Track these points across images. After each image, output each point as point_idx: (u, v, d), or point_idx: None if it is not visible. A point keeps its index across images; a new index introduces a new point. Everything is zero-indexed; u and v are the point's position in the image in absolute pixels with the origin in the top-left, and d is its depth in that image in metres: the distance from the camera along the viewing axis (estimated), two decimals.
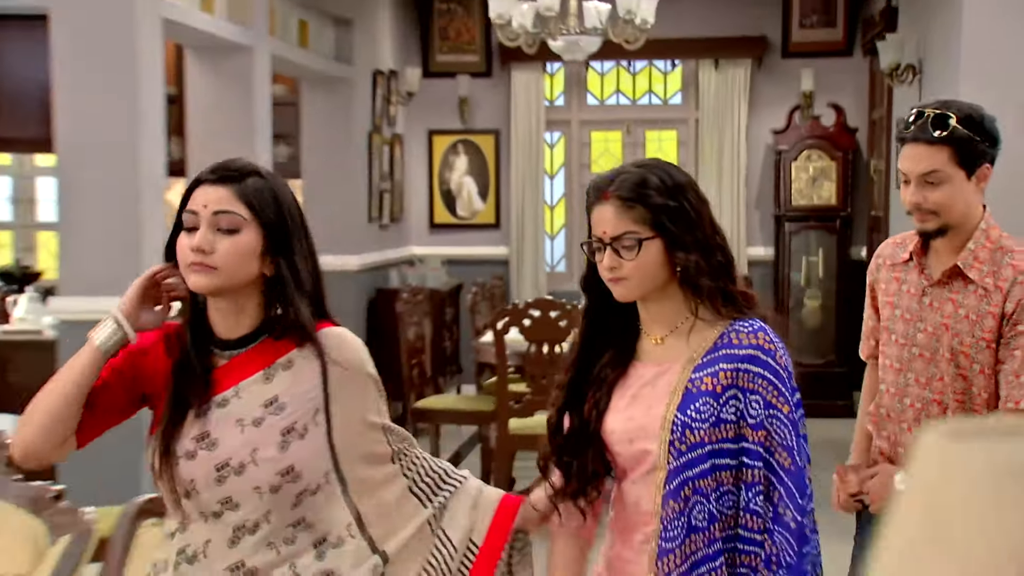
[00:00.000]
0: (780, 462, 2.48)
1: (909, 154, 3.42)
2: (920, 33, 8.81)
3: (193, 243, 2.57)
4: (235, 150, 7.76)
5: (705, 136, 11.85)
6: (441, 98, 12.01)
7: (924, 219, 3.41)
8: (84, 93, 6.33)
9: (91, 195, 6.37)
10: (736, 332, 2.57)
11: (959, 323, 3.42)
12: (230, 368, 2.70)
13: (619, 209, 2.55)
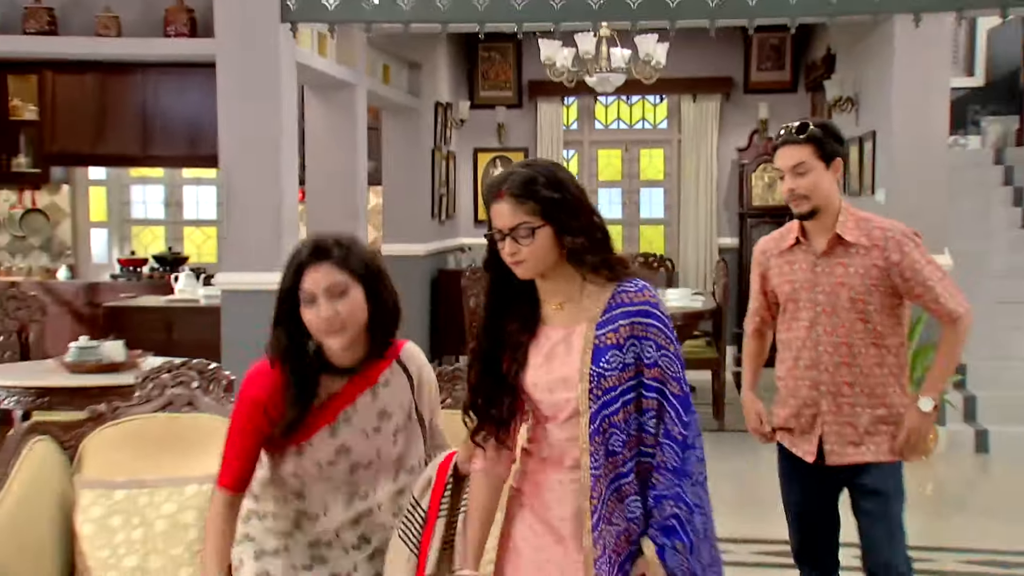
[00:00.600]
0: (670, 390, 2.45)
1: (781, 154, 3.57)
2: (856, 73, 9.02)
3: (322, 315, 2.62)
4: (342, 164, 8.08)
5: (686, 153, 12.01)
6: (484, 124, 12.16)
7: (799, 203, 3.54)
8: (241, 120, 6.55)
9: (244, 197, 6.61)
10: (626, 292, 2.49)
11: (851, 279, 3.54)
12: (345, 391, 2.75)
13: (513, 204, 2.46)
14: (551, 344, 2.55)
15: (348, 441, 2.73)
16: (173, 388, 3.74)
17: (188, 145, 10.24)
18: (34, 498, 3.43)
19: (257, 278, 6.54)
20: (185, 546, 3.44)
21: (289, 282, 2.68)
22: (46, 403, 5.06)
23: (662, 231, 12.48)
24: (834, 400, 3.64)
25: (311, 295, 2.63)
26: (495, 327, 2.60)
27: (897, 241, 3.54)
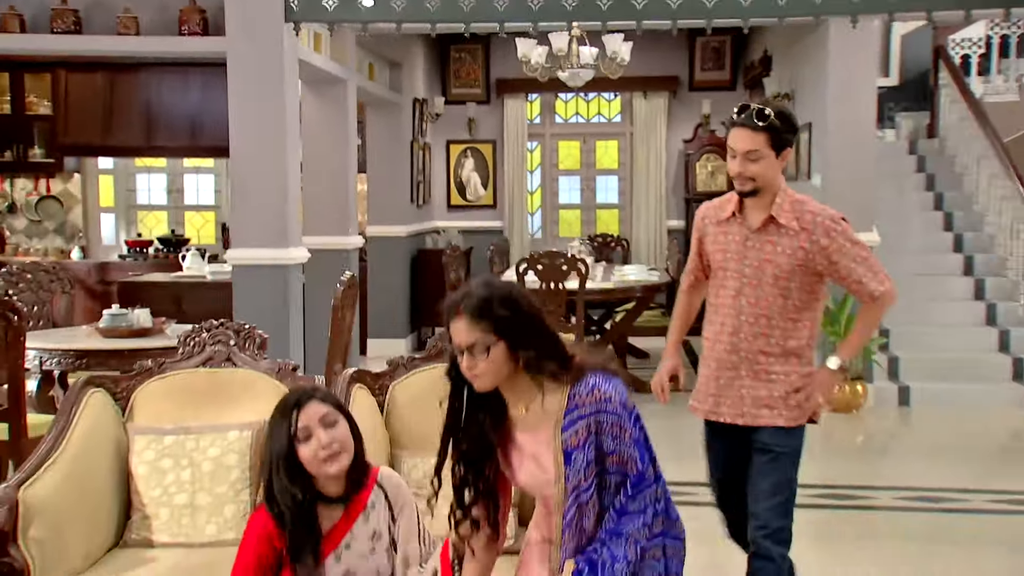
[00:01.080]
0: (628, 471, 2.46)
1: (737, 135, 3.37)
2: (792, 72, 9.13)
3: (323, 442, 2.63)
4: (334, 153, 8.08)
5: (637, 145, 12.09)
6: (456, 118, 12.16)
7: (743, 184, 3.39)
8: (250, 111, 6.55)
9: (253, 180, 6.59)
10: (578, 395, 2.46)
11: (777, 257, 3.41)
12: (342, 521, 2.74)
13: (469, 323, 2.44)
14: (531, 449, 2.56)
15: (352, 566, 2.71)
16: (212, 345, 3.77)
17: (189, 137, 10.25)
18: (93, 443, 3.44)
19: (265, 253, 6.55)
20: (229, 485, 3.48)
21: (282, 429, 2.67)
22: (84, 364, 5.05)
23: (616, 214, 12.56)
24: (750, 366, 3.52)
25: (307, 430, 2.64)
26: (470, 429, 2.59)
27: (825, 227, 3.40)
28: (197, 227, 11.29)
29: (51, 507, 3.17)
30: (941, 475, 6.27)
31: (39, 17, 6.61)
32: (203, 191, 11.36)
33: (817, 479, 6.13)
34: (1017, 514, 5.66)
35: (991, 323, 8.65)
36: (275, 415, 2.72)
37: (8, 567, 3.05)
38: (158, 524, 3.45)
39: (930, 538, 5.23)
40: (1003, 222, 9.07)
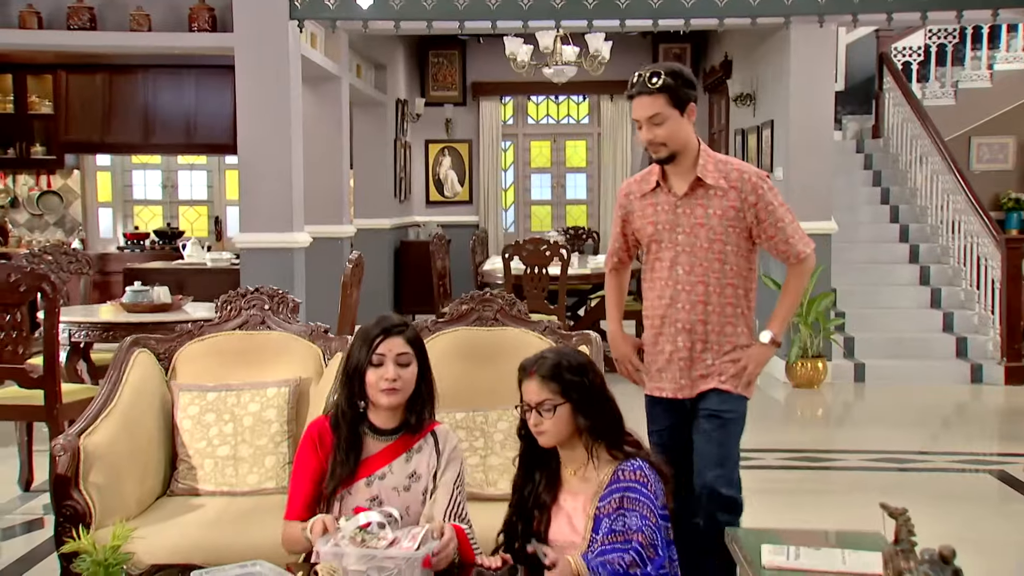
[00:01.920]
0: (647, 554, 2.46)
1: (637, 104, 3.14)
2: (753, 74, 9.28)
3: (388, 375, 2.63)
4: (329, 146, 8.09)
5: (604, 145, 12.22)
6: (434, 119, 12.20)
7: (657, 150, 3.15)
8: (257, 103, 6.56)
9: (260, 169, 6.62)
10: (623, 471, 2.53)
11: (710, 219, 3.16)
12: (384, 452, 2.73)
13: (540, 383, 2.54)
14: (566, 512, 2.61)
15: (382, 495, 2.70)
16: (248, 310, 3.80)
17: (184, 135, 10.25)
18: (141, 398, 3.47)
19: (271, 237, 6.57)
20: (269, 437, 3.51)
21: (363, 349, 2.67)
22: (110, 336, 5.05)
23: (585, 210, 12.67)
24: (689, 336, 3.25)
25: (381, 358, 2.65)
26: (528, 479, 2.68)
27: (753, 183, 3.18)
28: (191, 220, 11.23)
29: (108, 455, 3.20)
30: (895, 440, 6.43)
31: (55, 15, 6.58)
32: (196, 186, 11.31)
33: (782, 444, 6.30)
34: (964, 471, 5.86)
35: (935, 306, 8.85)
36: (362, 331, 2.72)
37: (72, 510, 3.08)
38: (203, 474, 3.48)
39: (887, 493, 5.27)
40: (945, 216, 9.27)
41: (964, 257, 8.86)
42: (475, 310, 3.76)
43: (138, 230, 10.76)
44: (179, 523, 3.17)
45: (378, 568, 2.37)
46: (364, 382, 2.67)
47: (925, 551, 1.97)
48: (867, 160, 10.53)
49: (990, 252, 8.40)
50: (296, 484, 2.72)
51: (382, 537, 2.42)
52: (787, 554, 2.70)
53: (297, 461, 2.75)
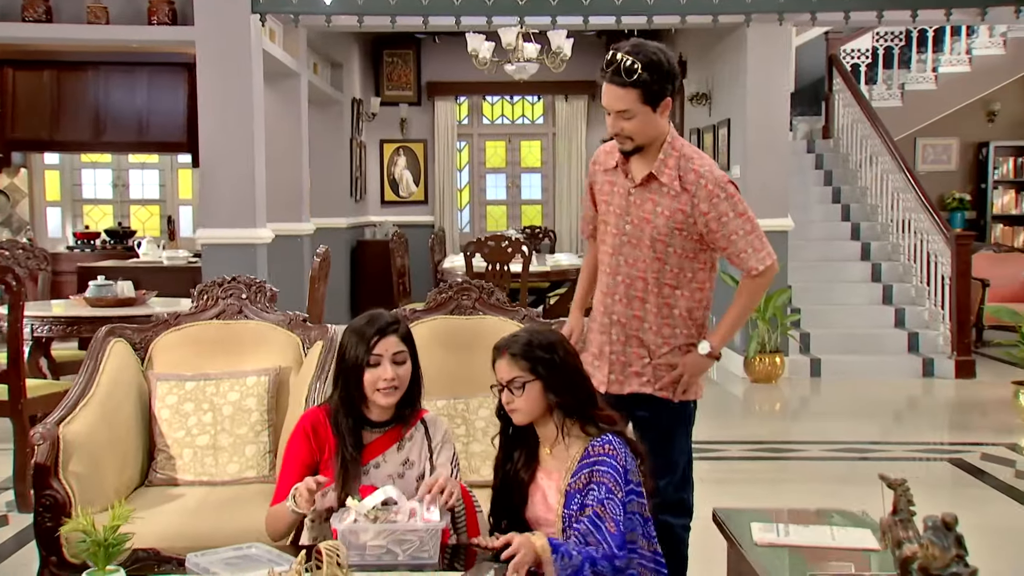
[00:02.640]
0: (607, 527, 2.42)
1: (607, 93, 2.92)
2: (709, 74, 9.40)
3: (387, 375, 2.64)
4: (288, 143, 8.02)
5: (559, 145, 12.27)
6: (389, 119, 12.17)
7: (623, 142, 2.98)
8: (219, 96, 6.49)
9: (222, 163, 6.54)
10: (593, 446, 2.51)
11: (657, 218, 2.99)
12: (378, 442, 2.73)
13: (510, 361, 2.54)
14: (542, 489, 2.61)
15: (376, 484, 2.67)
16: (225, 299, 3.76)
17: (136, 133, 10.05)
18: (119, 387, 3.42)
19: (234, 233, 6.50)
20: (249, 427, 3.48)
21: (360, 349, 2.66)
22: (74, 331, 4.96)
23: (540, 209, 12.71)
24: (623, 330, 3.09)
25: (378, 359, 2.65)
26: (508, 458, 2.68)
27: (708, 191, 2.96)
28: (143, 220, 11.06)
29: (87, 443, 3.14)
30: (851, 431, 6.55)
31: (10, 7, 6.44)
32: (148, 186, 11.15)
33: (742, 437, 6.39)
34: (922, 460, 5.99)
35: (887, 302, 9.02)
36: (357, 330, 2.69)
37: (51, 499, 3.03)
38: (182, 464, 3.44)
39: (843, 480, 5.52)
40: (895, 215, 9.46)
41: (914, 254, 9.04)
42: (454, 299, 3.75)
43: (88, 229, 10.55)
44: (160, 512, 3.13)
45: (398, 542, 2.37)
46: (361, 382, 2.66)
47: (928, 518, 2.01)
48: (818, 160, 10.71)
49: (940, 249, 8.58)
50: (286, 472, 2.70)
51: (398, 511, 2.42)
52: (777, 531, 2.75)
53: (288, 450, 2.73)
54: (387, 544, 2.39)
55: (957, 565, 1.96)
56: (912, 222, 9.08)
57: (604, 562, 2.41)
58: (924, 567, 1.98)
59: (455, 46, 11.94)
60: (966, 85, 11.29)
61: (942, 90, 11.36)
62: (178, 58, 9.93)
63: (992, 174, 11.93)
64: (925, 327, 8.68)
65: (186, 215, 11.10)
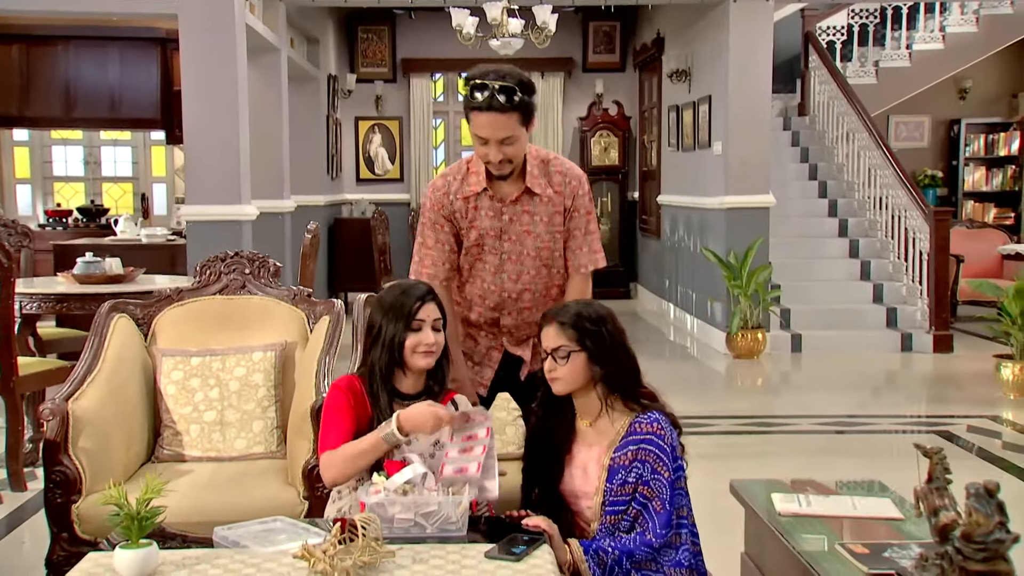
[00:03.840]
0: (653, 507, 2.43)
1: (487, 122, 2.84)
2: (688, 50, 9.38)
3: (428, 340, 2.64)
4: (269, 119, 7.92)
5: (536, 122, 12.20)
6: (364, 96, 12.02)
7: (502, 168, 2.91)
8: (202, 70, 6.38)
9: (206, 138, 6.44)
10: (640, 423, 2.50)
11: (537, 227, 3.00)
12: None
13: (557, 330, 2.53)
14: (580, 462, 2.60)
15: (407, 460, 2.60)
16: (228, 274, 3.70)
17: (109, 109, 9.90)
18: (123, 364, 3.36)
19: (219, 210, 6.41)
20: (256, 402, 3.44)
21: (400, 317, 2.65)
22: (64, 307, 4.87)
23: None
24: (512, 338, 3.14)
25: (420, 323, 2.65)
26: (544, 429, 2.66)
27: (572, 187, 3.03)
28: (115, 198, 10.91)
29: (96, 420, 3.09)
30: (835, 404, 6.62)
31: None
32: (120, 163, 10.98)
33: (726, 412, 6.42)
34: (896, 432, 6.09)
35: (865, 278, 9.09)
36: (393, 301, 2.68)
37: (62, 475, 2.98)
38: (188, 440, 3.39)
39: (824, 452, 5.60)
40: (872, 191, 9.52)
41: (892, 231, 9.11)
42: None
43: (60, 207, 10.38)
44: (173, 487, 3.04)
45: (426, 515, 2.35)
46: (401, 351, 2.65)
47: (970, 485, 2.01)
48: (794, 137, 10.75)
49: (918, 225, 8.65)
50: (332, 422, 2.64)
51: (427, 488, 2.40)
52: (798, 501, 2.75)
53: (330, 405, 2.67)
54: (415, 518, 2.37)
55: (1000, 531, 1.97)
56: (890, 198, 9.15)
57: (642, 549, 2.41)
58: (967, 534, 1.98)
59: (431, 22, 11.85)
60: (940, 62, 11.37)
61: (916, 67, 11.43)
62: (150, 33, 9.78)
63: (963, 151, 12.07)
64: (903, 302, 8.76)
65: (160, 193, 10.95)
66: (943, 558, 2.04)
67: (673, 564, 2.44)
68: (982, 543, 1.96)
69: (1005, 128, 12.00)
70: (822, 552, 2.38)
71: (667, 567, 2.43)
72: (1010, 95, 12.08)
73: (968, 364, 7.90)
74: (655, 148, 10.88)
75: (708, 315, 8.76)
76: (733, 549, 3.03)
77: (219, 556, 2.24)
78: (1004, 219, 11.83)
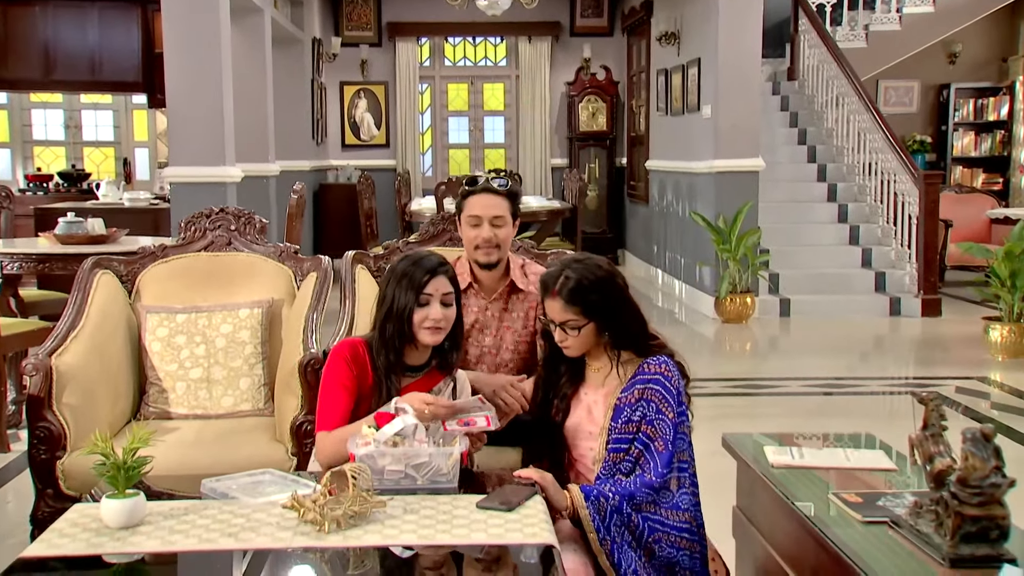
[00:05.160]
0: (656, 447, 2.45)
1: (483, 202, 3.02)
2: (677, 13, 9.32)
3: (435, 315, 2.60)
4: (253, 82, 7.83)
5: (523, 87, 12.12)
6: (349, 60, 11.91)
7: (490, 253, 3.05)
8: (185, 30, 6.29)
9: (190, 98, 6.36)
10: (648, 364, 2.53)
11: (515, 323, 3.15)
12: (412, 387, 2.65)
13: (564, 306, 2.51)
14: (587, 403, 2.62)
15: (400, 411, 2.56)
16: (213, 231, 3.66)
17: (88, 72, 9.79)
18: (108, 320, 3.33)
19: (203, 172, 6.36)
20: (243, 359, 3.41)
21: (410, 289, 2.61)
22: (46, 268, 4.82)
23: (503, 153, 12.59)
24: None
25: (428, 298, 2.61)
26: (551, 373, 2.69)
27: None
28: (97, 162, 10.80)
29: (80, 376, 3.07)
30: (824, 367, 6.65)
31: None
32: (102, 127, 10.85)
33: (716, 374, 6.43)
34: (885, 394, 6.13)
35: (854, 242, 9.10)
36: (407, 270, 2.64)
37: (46, 431, 2.95)
38: (175, 397, 3.37)
39: (814, 413, 5.63)
40: (861, 156, 9.50)
41: (881, 195, 9.11)
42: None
43: (40, 172, 10.27)
44: (158, 444, 3.02)
45: (417, 467, 2.33)
46: (410, 322, 2.60)
47: (967, 430, 2.01)
48: (783, 102, 10.72)
49: (908, 189, 8.65)
50: (329, 396, 2.61)
51: (418, 440, 2.38)
52: (791, 454, 2.75)
53: (329, 375, 2.63)
54: (405, 469, 2.36)
55: (996, 476, 1.96)
56: (879, 162, 9.14)
57: (643, 491, 2.41)
58: (963, 478, 1.98)
59: None
60: (930, 25, 11.31)
61: (906, 31, 11.38)
62: None
63: (952, 116, 12.07)
64: (891, 267, 8.77)
65: (143, 158, 10.84)
66: (938, 503, 2.03)
67: (671, 507, 2.44)
68: (978, 487, 1.95)
69: (995, 93, 12.00)
70: (815, 502, 2.38)
71: (664, 509, 2.43)
72: (1000, 59, 12.08)
73: (956, 328, 7.93)
74: (643, 113, 10.83)
75: (697, 280, 8.75)
76: (725, 506, 3.03)
77: (207, 507, 2.22)
78: (992, 184, 11.85)
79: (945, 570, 1.95)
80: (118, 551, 2.01)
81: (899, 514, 2.19)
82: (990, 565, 1.94)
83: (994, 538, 1.98)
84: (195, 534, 2.07)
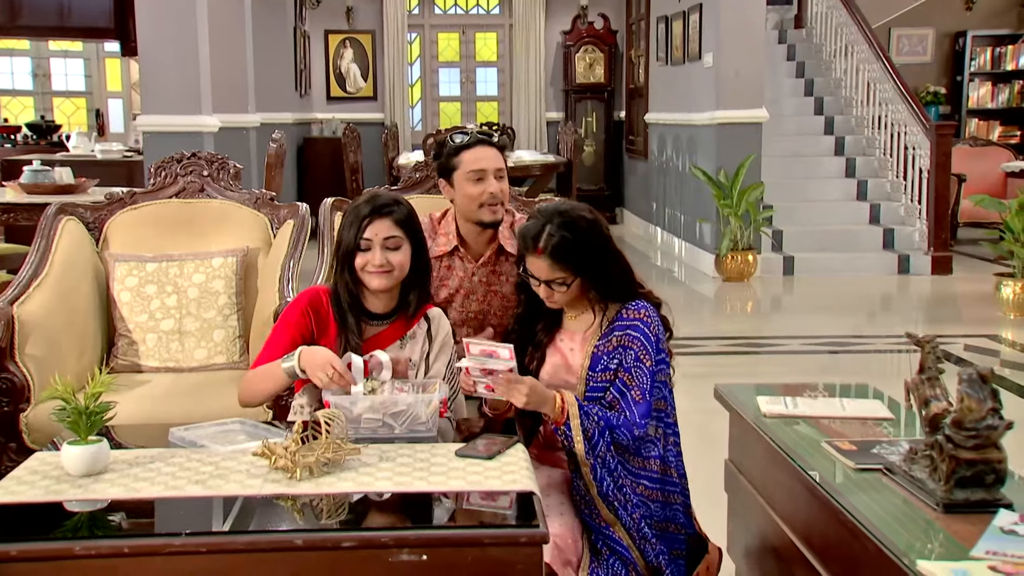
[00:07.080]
0: (632, 396, 2.45)
1: (486, 155, 2.94)
2: None
3: (376, 261, 2.52)
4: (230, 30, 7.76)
5: (517, 37, 12.03)
6: (333, 6, 11.82)
7: (496, 210, 2.96)
8: None
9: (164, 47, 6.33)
10: (627, 309, 2.53)
11: (503, 287, 3.07)
12: (380, 336, 2.62)
13: (550, 265, 2.48)
14: (562, 351, 2.61)
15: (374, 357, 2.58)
16: (185, 177, 3.66)
17: (57, 17, 9.66)
18: (73, 268, 3.33)
19: (178, 120, 6.33)
20: (217, 310, 3.41)
21: (351, 231, 2.56)
22: (11, 218, 4.80)
23: (496, 106, 12.53)
24: None
25: (368, 243, 2.54)
26: (527, 325, 2.67)
27: None
28: (67, 113, 10.73)
29: (44, 325, 3.07)
30: (829, 325, 6.69)
31: None
32: (72, 76, 10.77)
33: (717, 333, 6.45)
34: (892, 352, 6.16)
35: (862, 198, 9.10)
36: (352, 211, 2.60)
37: (8, 383, 2.96)
38: (145, 350, 3.37)
39: (816, 372, 5.65)
40: (871, 108, 9.47)
41: (890, 148, 9.08)
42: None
43: (7, 123, 10.21)
44: (128, 397, 3.04)
45: (393, 415, 2.34)
46: (354, 266, 2.57)
47: (963, 371, 2.01)
48: (790, 51, 10.67)
49: (919, 141, 8.62)
50: (275, 340, 2.60)
51: (397, 388, 2.39)
52: (784, 403, 2.76)
53: (282, 320, 2.63)
54: (383, 418, 2.36)
55: (992, 418, 1.97)
56: (889, 113, 9.10)
57: (623, 430, 2.42)
58: (958, 420, 1.98)
59: None
60: None
61: None
62: None
63: (968, 66, 12.01)
64: (901, 223, 8.77)
65: (116, 109, 10.78)
66: (933, 448, 2.04)
67: (654, 457, 2.45)
68: (973, 430, 1.96)
69: (1013, 40, 11.92)
70: (807, 450, 2.39)
71: (643, 458, 2.45)
72: (1019, 5, 11.99)
73: (967, 286, 7.95)
74: (643, 64, 10.76)
75: (696, 237, 8.74)
76: (718, 461, 3.04)
77: (174, 455, 2.23)
78: (1010, 137, 11.80)
79: (939, 515, 1.96)
80: (79, 498, 2.01)
81: (893, 461, 2.21)
82: (985, 510, 1.95)
83: (990, 483, 1.99)
84: (161, 481, 2.07)
